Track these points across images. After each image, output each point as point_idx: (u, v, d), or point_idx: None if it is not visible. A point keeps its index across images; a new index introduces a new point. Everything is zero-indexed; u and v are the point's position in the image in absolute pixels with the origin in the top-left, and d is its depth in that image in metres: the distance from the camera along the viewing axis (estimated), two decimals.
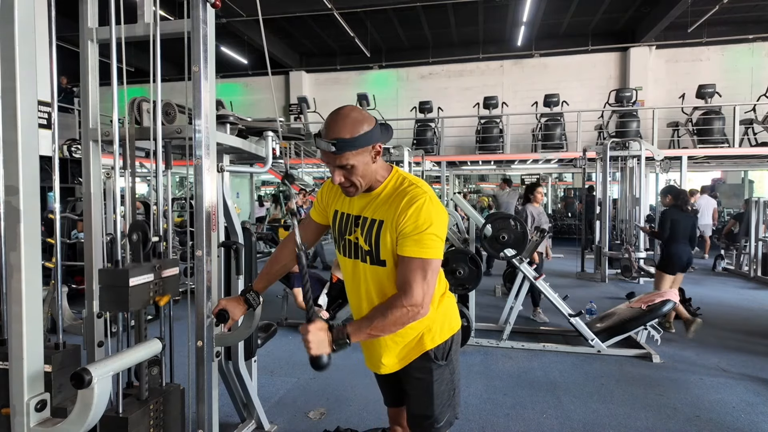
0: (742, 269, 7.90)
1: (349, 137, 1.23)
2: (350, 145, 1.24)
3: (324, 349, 1.23)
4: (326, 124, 1.28)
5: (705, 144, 9.61)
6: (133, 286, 1.49)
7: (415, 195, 1.29)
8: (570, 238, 11.21)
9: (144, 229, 1.59)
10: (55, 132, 1.57)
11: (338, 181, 1.31)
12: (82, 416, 1.18)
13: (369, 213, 1.36)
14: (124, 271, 1.49)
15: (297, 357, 3.78)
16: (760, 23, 11.51)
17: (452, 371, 1.47)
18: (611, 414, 2.81)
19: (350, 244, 1.41)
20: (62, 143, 6.93)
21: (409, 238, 1.26)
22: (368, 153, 1.30)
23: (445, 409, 1.45)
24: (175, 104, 2.06)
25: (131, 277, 1.48)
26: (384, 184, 1.37)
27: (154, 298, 1.60)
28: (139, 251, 1.58)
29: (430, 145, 10.79)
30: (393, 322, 1.25)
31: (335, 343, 1.24)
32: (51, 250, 4.03)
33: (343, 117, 1.26)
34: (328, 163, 1.30)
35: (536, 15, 11.16)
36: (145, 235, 1.59)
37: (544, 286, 3.96)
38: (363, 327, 1.27)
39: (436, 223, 1.27)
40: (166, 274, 1.66)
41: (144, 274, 1.54)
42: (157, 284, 1.61)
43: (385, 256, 1.34)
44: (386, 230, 1.31)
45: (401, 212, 1.28)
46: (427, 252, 1.26)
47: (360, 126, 1.25)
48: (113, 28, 1.66)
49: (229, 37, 11.73)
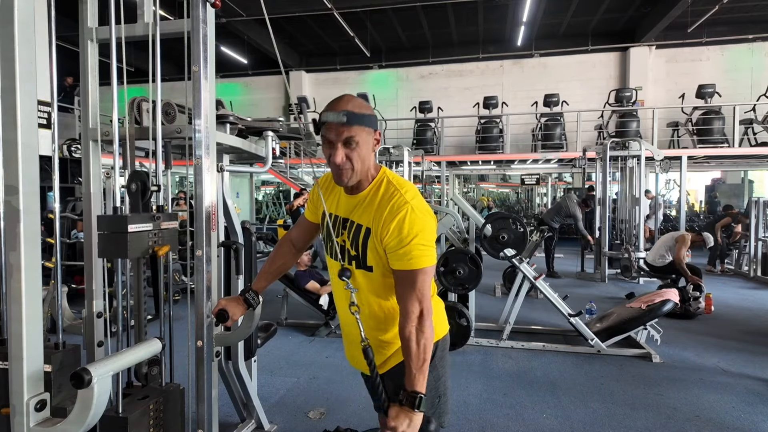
0: (742, 269, 7.91)
1: (359, 112, 1.25)
2: (359, 120, 1.24)
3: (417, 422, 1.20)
4: (333, 101, 1.28)
5: (705, 144, 9.62)
6: (132, 233, 1.48)
7: (396, 206, 1.27)
8: (570, 238, 11.21)
9: (143, 178, 1.58)
10: (55, 132, 1.57)
11: (339, 159, 1.26)
12: (82, 416, 1.18)
13: (356, 217, 1.35)
14: (122, 217, 1.48)
15: (297, 357, 3.78)
16: (760, 23, 11.51)
17: (437, 378, 1.42)
18: (611, 414, 2.81)
19: (338, 246, 1.40)
20: (62, 143, 6.93)
21: (395, 253, 1.26)
22: (371, 137, 1.30)
23: (429, 417, 1.44)
24: (175, 104, 2.06)
25: (130, 223, 1.47)
26: (371, 186, 1.35)
27: (153, 248, 1.58)
28: (138, 201, 1.57)
29: (430, 145, 10.80)
30: (417, 343, 1.24)
31: (417, 407, 1.20)
32: (51, 249, 4.04)
33: (350, 97, 1.28)
34: (331, 140, 1.26)
35: (536, 15, 11.16)
36: (144, 185, 1.58)
37: (544, 286, 3.96)
38: (412, 374, 1.23)
39: (420, 232, 1.25)
40: (165, 225, 1.65)
41: (143, 223, 1.53)
42: (156, 235, 1.60)
43: (372, 263, 1.33)
44: (373, 239, 1.30)
45: (384, 225, 1.26)
46: (414, 263, 1.25)
47: (366, 108, 1.28)
48: (113, 27, 1.66)
49: (229, 37, 11.72)
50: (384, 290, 1.36)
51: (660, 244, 5.66)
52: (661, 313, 3.79)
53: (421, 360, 1.23)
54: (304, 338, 4.28)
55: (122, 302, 1.74)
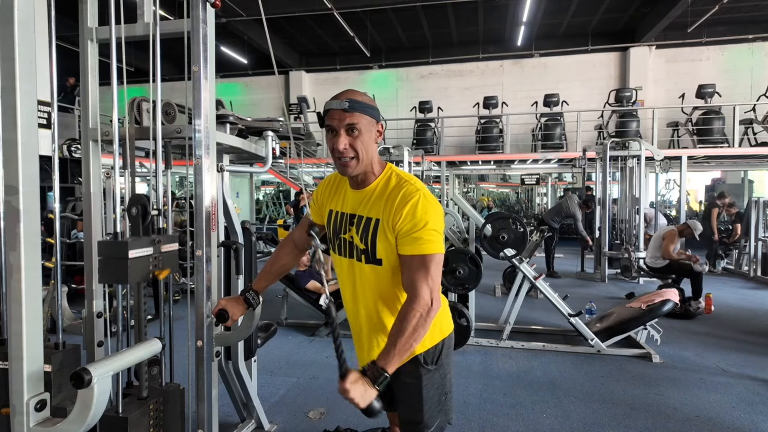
0: (741, 269, 7.91)
1: (361, 100, 1.29)
2: (361, 107, 1.28)
3: (370, 397, 1.17)
4: (337, 94, 1.32)
5: (705, 144, 9.62)
6: (132, 259, 1.47)
7: (408, 193, 1.29)
8: (570, 238, 11.21)
9: (143, 202, 1.57)
10: (54, 132, 1.57)
11: (342, 146, 1.28)
12: (82, 416, 1.18)
13: (364, 211, 1.36)
14: (123, 243, 1.47)
15: (297, 357, 3.78)
16: (760, 23, 11.51)
17: (443, 375, 1.44)
18: (611, 414, 2.81)
19: (345, 242, 1.41)
20: (62, 143, 6.93)
21: (408, 237, 1.26)
22: (374, 127, 1.33)
23: (436, 414, 1.44)
24: (175, 104, 2.06)
25: (130, 249, 1.47)
26: (377, 181, 1.37)
27: (153, 272, 1.58)
28: (139, 225, 1.56)
29: (430, 145, 10.80)
30: (414, 329, 1.22)
31: (376, 383, 1.18)
32: (51, 249, 4.04)
33: (353, 90, 1.33)
34: (334, 127, 1.28)
35: (536, 15, 11.15)
36: (144, 208, 1.57)
37: (544, 286, 3.96)
38: (391, 352, 1.21)
39: (432, 218, 1.27)
40: (165, 249, 1.65)
41: (143, 247, 1.53)
42: (157, 258, 1.60)
43: (381, 255, 1.33)
44: (383, 229, 1.31)
45: (396, 211, 1.27)
46: (427, 247, 1.26)
47: (369, 100, 1.33)
48: (113, 27, 1.66)
49: (229, 37, 11.72)
50: (390, 288, 1.36)
51: (652, 246, 5.65)
52: (661, 313, 3.79)
53: (407, 345, 1.22)
54: (304, 338, 4.28)
55: (122, 302, 1.74)
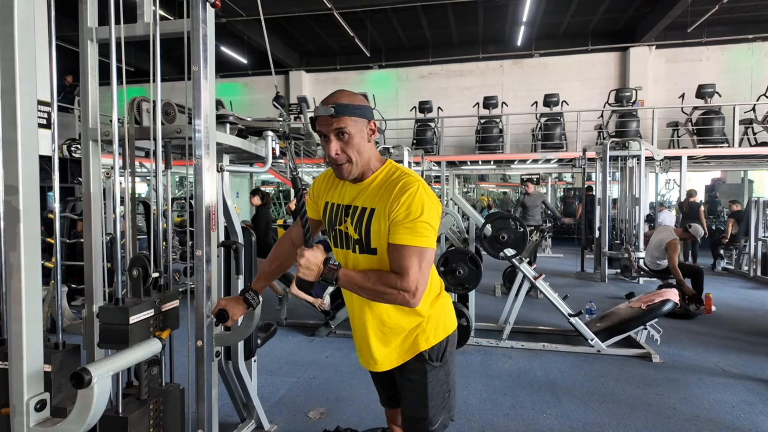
0: (741, 269, 7.91)
1: (347, 103, 1.29)
2: (348, 110, 1.28)
3: (310, 277, 1.27)
4: (324, 98, 1.34)
5: (705, 144, 9.62)
6: (133, 323, 1.47)
7: (407, 183, 1.29)
8: (570, 238, 11.21)
9: (144, 264, 1.57)
10: (54, 132, 1.57)
11: (334, 152, 1.29)
12: (82, 416, 1.18)
13: (360, 202, 1.36)
14: (124, 309, 1.47)
15: (297, 357, 3.78)
16: (760, 23, 11.51)
17: (447, 372, 1.46)
18: (611, 414, 2.81)
19: (340, 234, 1.42)
20: (62, 143, 6.92)
21: (402, 226, 1.26)
22: (364, 127, 1.32)
23: (440, 411, 1.45)
24: (175, 104, 2.06)
25: (131, 315, 1.47)
26: (376, 174, 1.37)
27: (153, 333, 1.57)
28: (140, 287, 1.56)
29: (429, 144, 10.79)
30: (380, 293, 1.27)
31: (323, 276, 1.27)
32: (51, 249, 4.04)
33: (340, 91, 1.34)
34: (325, 133, 1.31)
35: (536, 15, 11.15)
36: (145, 270, 1.57)
37: (544, 285, 3.96)
38: (353, 279, 1.29)
39: (428, 211, 1.26)
40: (166, 308, 1.64)
41: (144, 311, 1.52)
42: (158, 318, 1.60)
43: (376, 245, 1.33)
44: (378, 218, 1.31)
45: (393, 199, 1.27)
46: (421, 240, 1.25)
47: (356, 98, 1.32)
48: (113, 27, 1.66)
49: (229, 37, 11.72)
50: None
51: (651, 248, 5.60)
52: (661, 313, 3.79)
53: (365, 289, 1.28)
54: (304, 338, 4.28)
55: None
